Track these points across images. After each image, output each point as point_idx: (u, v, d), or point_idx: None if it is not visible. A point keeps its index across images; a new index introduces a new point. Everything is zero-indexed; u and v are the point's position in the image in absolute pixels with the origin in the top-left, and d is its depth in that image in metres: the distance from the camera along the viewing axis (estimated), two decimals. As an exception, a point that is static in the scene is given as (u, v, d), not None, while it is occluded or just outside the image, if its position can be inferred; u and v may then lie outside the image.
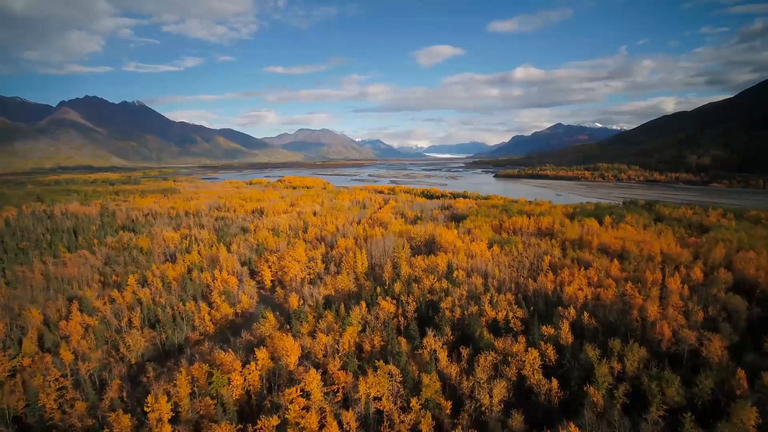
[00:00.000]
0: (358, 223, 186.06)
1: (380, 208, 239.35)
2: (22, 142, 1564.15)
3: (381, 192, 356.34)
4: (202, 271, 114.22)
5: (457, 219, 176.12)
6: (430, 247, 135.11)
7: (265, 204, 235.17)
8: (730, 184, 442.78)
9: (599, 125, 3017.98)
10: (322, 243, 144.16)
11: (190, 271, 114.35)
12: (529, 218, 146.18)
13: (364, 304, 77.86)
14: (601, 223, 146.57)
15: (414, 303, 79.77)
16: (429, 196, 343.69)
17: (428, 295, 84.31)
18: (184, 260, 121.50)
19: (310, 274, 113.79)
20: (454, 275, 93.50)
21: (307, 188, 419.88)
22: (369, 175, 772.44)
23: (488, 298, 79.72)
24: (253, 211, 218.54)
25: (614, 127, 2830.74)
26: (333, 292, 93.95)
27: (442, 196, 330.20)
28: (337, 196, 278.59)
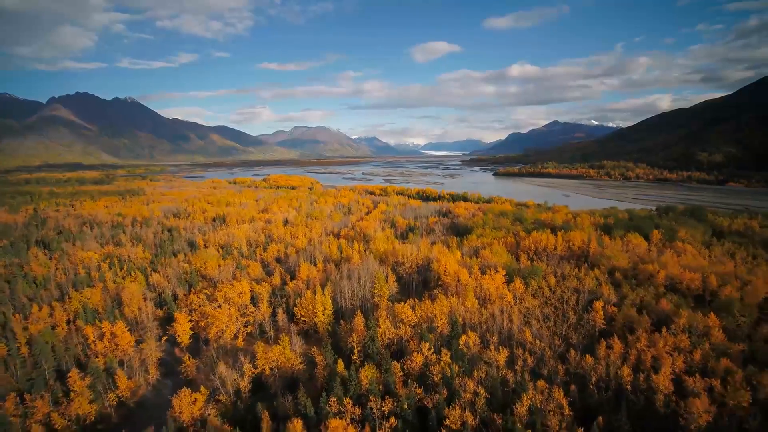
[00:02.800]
0: (337, 235, 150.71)
1: (368, 213, 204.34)
2: (10, 139, 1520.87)
3: (372, 193, 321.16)
4: (95, 319, 78.65)
5: (459, 232, 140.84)
6: (424, 275, 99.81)
7: (232, 210, 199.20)
8: (749, 183, 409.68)
9: (595, 123, 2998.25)
10: (282, 268, 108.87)
11: (76, 318, 78.82)
12: (555, 234, 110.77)
13: (299, 424, 42.25)
14: (647, 239, 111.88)
15: (393, 418, 44.25)
16: (425, 197, 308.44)
17: (417, 391, 48.85)
18: (76, 298, 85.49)
19: (247, 326, 78.34)
20: (462, 343, 58.16)
21: (293, 188, 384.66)
22: (363, 174, 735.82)
23: (527, 403, 44.45)
24: (214, 219, 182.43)
25: (610, 124, 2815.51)
26: (267, 370, 58.37)
27: (440, 197, 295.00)
28: (321, 198, 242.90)
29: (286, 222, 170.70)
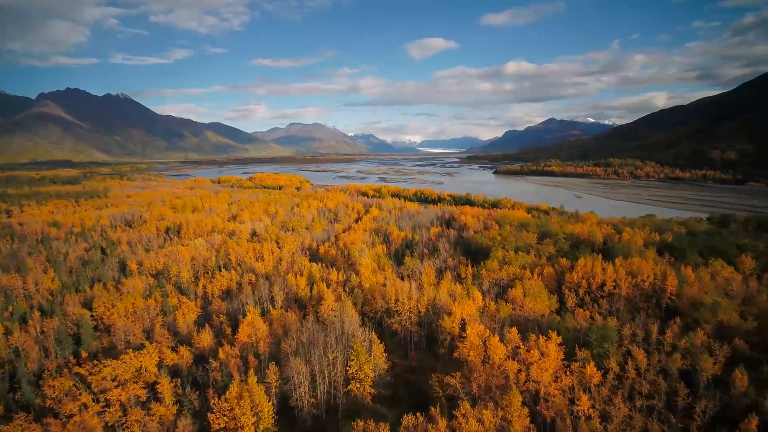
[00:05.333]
0: (315, 254, 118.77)
1: (357, 221, 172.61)
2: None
3: (364, 194, 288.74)
4: None
5: (471, 250, 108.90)
6: (428, 327, 67.99)
7: (196, 217, 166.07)
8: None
9: (591, 120, 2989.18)
10: (226, 311, 76.58)
11: None
12: (610, 262, 78.70)
13: None
14: (736, 268, 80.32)
15: None
16: (423, 199, 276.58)
17: None
18: None
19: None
20: None
21: (279, 188, 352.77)
22: (357, 172, 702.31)
23: None
24: (167, 230, 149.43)
25: (606, 122, 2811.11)
26: None
27: (440, 200, 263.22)
28: (304, 201, 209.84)
29: (253, 234, 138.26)
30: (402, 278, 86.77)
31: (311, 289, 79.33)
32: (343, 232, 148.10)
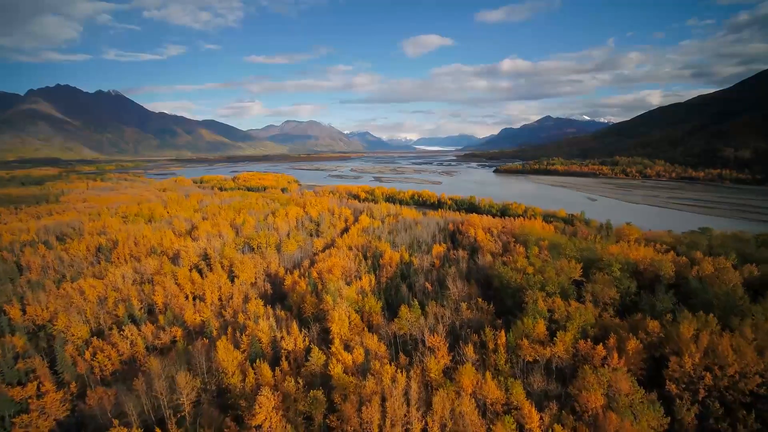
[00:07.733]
0: (277, 289, 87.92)
1: (345, 231, 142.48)
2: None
3: (356, 197, 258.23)
4: None
5: (492, 288, 78.38)
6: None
7: (144, 230, 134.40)
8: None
9: (587, 118, 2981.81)
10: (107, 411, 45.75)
11: None
12: (735, 332, 48.31)
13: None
14: None
15: None
16: (421, 203, 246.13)
17: None
18: None
19: None
20: None
21: (264, 189, 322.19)
22: (351, 170, 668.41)
23: None
24: (98, 249, 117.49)
25: (602, 119, 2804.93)
26: None
27: (440, 203, 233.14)
28: (282, 208, 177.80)
29: (204, 258, 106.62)
30: (396, 346, 55.98)
31: (245, 377, 48.02)
32: (324, 250, 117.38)
